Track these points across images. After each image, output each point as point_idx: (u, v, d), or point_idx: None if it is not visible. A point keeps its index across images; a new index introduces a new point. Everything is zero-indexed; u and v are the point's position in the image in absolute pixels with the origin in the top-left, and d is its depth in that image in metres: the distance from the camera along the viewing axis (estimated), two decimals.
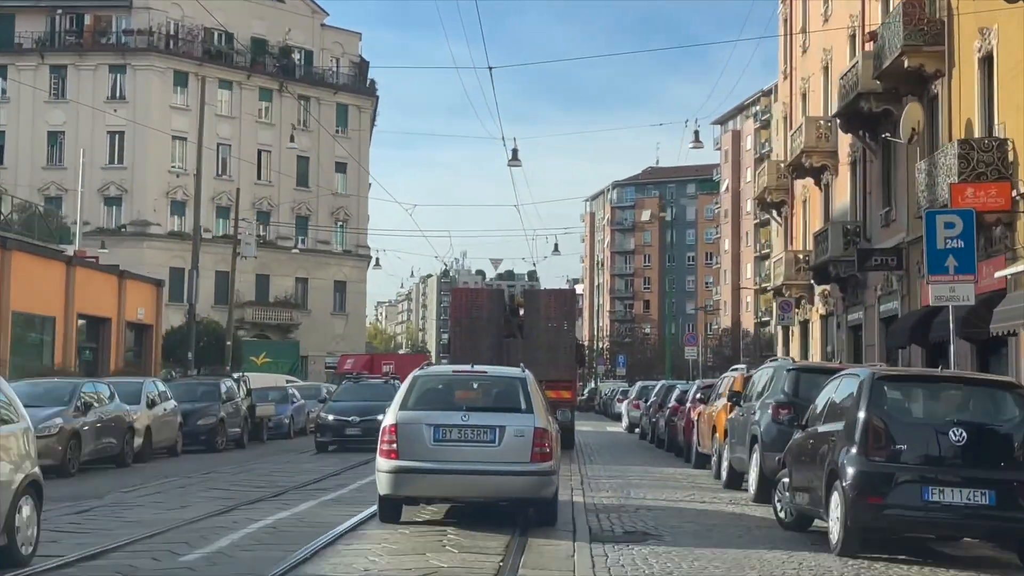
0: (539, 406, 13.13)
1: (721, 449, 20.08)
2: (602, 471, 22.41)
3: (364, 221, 79.86)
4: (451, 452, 12.51)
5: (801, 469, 12.98)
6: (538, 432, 12.62)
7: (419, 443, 12.50)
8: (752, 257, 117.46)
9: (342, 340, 76.35)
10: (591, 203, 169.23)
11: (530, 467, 12.49)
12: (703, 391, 25.32)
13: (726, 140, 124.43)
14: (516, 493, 12.75)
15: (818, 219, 41.43)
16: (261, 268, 73.99)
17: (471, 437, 12.54)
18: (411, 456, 12.47)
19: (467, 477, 12.51)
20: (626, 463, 25.41)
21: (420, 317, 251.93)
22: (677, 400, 28.83)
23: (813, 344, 42.49)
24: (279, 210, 74.54)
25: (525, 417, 12.78)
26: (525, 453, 12.50)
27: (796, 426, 13.94)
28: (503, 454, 12.50)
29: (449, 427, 12.57)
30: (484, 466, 12.49)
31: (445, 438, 12.53)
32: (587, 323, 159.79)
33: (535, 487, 12.66)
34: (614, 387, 68.74)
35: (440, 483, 12.62)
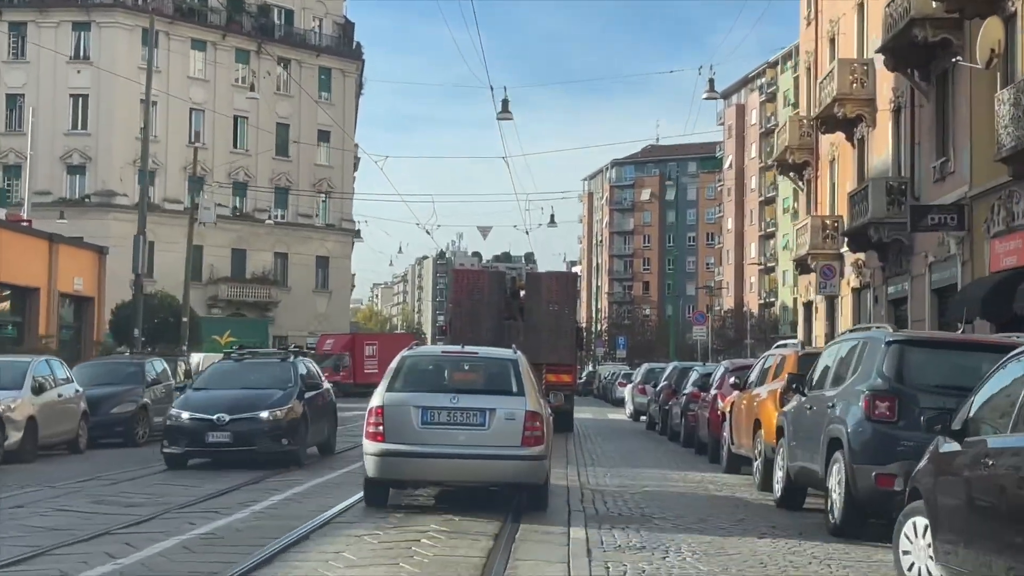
0: (531, 389, 12.56)
1: (770, 452, 14.71)
2: (609, 477, 17.07)
3: (348, 191, 74.41)
4: (439, 435, 12.02)
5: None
6: (529, 415, 12.13)
7: (406, 426, 12.03)
8: (756, 236, 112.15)
9: (325, 319, 70.97)
10: (589, 182, 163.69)
11: (521, 451, 12.03)
12: (735, 374, 20.00)
13: (730, 114, 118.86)
14: (506, 477, 12.31)
15: (850, 179, 36.08)
16: (237, 242, 68.56)
17: (460, 420, 12.07)
18: (398, 439, 11.98)
19: (455, 461, 12.04)
20: (637, 463, 20.07)
21: (416, 299, 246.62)
22: (697, 385, 23.43)
23: (842, 321, 37.12)
24: (257, 180, 69.05)
25: (516, 400, 12.27)
26: (516, 437, 12.01)
27: (933, 431, 8.47)
28: (493, 437, 12.02)
29: (437, 409, 12.10)
30: (473, 450, 12.00)
31: (433, 421, 12.07)
32: (585, 305, 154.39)
33: (526, 471, 12.19)
34: (614, 370, 63.40)
35: (427, 467, 12.16)
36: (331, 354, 60.06)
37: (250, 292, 67.83)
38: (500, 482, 12.50)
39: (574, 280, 31.74)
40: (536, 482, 12.37)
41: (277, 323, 69.44)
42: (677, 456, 22.35)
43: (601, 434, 29.38)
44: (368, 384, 62.55)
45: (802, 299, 42.48)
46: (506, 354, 13.39)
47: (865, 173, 34.26)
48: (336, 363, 59.47)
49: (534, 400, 12.42)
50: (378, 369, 60.76)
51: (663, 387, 30.50)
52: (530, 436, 12.04)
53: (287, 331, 69.51)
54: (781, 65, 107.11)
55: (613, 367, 68.97)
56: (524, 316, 27.58)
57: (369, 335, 66.21)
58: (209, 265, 66.95)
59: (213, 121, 66.42)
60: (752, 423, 16.19)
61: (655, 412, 31.52)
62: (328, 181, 72.32)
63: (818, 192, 40.28)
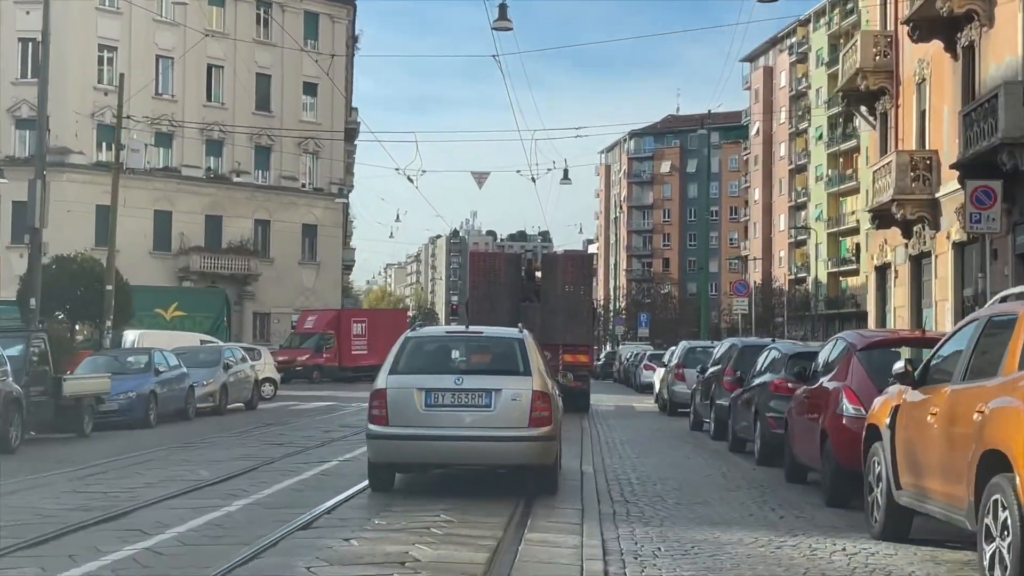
0: (538, 368, 11.91)
1: None
2: (676, 564, 8.42)
3: (339, 153, 65.65)
4: (444, 417, 11.51)
5: None
6: (536, 395, 11.55)
7: (410, 408, 11.54)
8: (786, 207, 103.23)
9: (312, 294, 62.37)
10: (606, 155, 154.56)
11: (528, 432, 11.46)
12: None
13: (756, 78, 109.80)
14: (513, 460, 11.76)
15: (949, 100, 27.31)
16: (212, 207, 59.95)
17: (465, 401, 11.55)
18: (402, 422, 11.54)
19: (460, 443, 11.54)
20: (706, 509, 11.41)
21: (430, 279, 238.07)
22: (793, 373, 14.55)
23: (937, 286, 28.33)
24: (234, 138, 60.32)
25: (522, 380, 11.68)
26: (523, 418, 11.47)
27: None
28: (499, 419, 11.49)
29: (441, 391, 11.55)
30: (478, 431, 11.48)
31: (437, 403, 11.54)
32: (602, 282, 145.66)
33: (533, 453, 11.59)
34: (637, 350, 54.68)
35: (432, 450, 11.62)
36: (312, 333, 51.65)
37: (226, 263, 59.22)
38: (507, 464, 12.00)
39: (590, 261, 31.81)
40: (544, 464, 11.79)
41: (258, 298, 60.88)
42: (768, 486, 13.42)
43: (631, 438, 20.64)
44: (357, 368, 54.16)
45: (875, 260, 33.62)
46: (512, 333, 12.76)
47: (976, 88, 25.49)
48: (318, 343, 51.11)
49: (541, 380, 11.75)
50: (367, 350, 52.29)
51: (715, 373, 21.84)
52: (537, 417, 11.47)
53: (269, 307, 61.05)
54: (814, 23, 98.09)
55: (635, 347, 60.18)
56: (540, 298, 27.39)
57: (357, 311, 57.56)
58: (179, 233, 58.37)
59: (183, 70, 57.74)
60: (973, 456, 7.44)
61: (702, 407, 22.80)
62: (316, 140, 63.56)
63: (899, 124, 31.40)
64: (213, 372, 27.11)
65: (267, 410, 29.45)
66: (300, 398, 35.37)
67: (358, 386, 45.99)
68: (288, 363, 50.01)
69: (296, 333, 52.65)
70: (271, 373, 34.78)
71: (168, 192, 58.10)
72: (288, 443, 18.91)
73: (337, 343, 51.40)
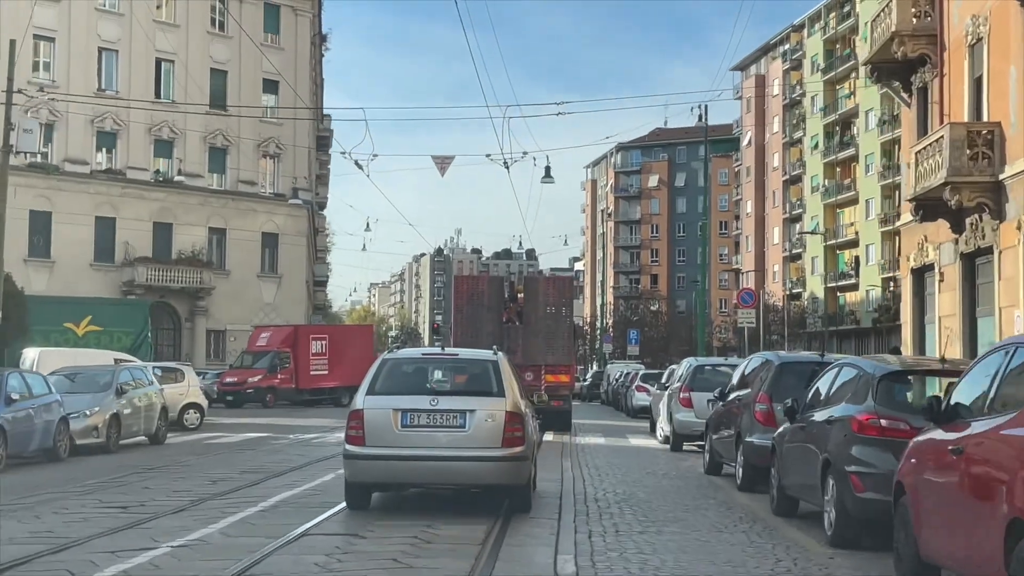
0: (511, 389, 11.96)
1: None
2: None
3: (303, 156, 59.85)
4: (419, 437, 11.54)
5: None
6: (509, 416, 11.62)
7: (386, 428, 11.55)
8: (780, 220, 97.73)
9: (272, 310, 56.52)
10: (592, 169, 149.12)
11: (501, 452, 11.54)
12: None
13: (748, 87, 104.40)
14: (487, 479, 11.82)
15: (1019, 59, 21.71)
16: (160, 214, 54.07)
17: (440, 422, 11.58)
18: (378, 442, 11.54)
19: (436, 463, 11.58)
20: None
21: (414, 298, 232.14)
22: (897, 404, 8.79)
23: (1002, 289, 22.59)
24: (185, 138, 54.55)
25: (496, 401, 11.72)
26: (496, 438, 11.53)
27: None
28: (473, 439, 11.53)
29: (417, 412, 11.61)
30: (453, 451, 11.54)
31: (413, 423, 11.57)
32: (588, 300, 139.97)
33: (507, 473, 11.68)
34: (627, 370, 48.95)
35: (408, 470, 11.67)
36: (266, 351, 45.78)
37: (176, 276, 53.35)
38: (481, 484, 12.02)
39: (570, 283, 31.79)
40: (518, 483, 11.86)
41: (212, 314, 54.99)
42: None
43: (630, 493, 14.63)
44: (316, 390, 48.24)
45: (913, 262, 27.86)
46: (486, 355, 12.69)
47: None
48: (272, 363, 45.27)
49: (514, 401, 11.85)
50: (328, 370, 46.40)
51: (741, 400, 16.09)
52: (511, 437, 11.56)
53: (224, 324, 55.16)
54: (808, 28, 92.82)
55: (624, 365, 54.41)
56: (523, 319, 27.85)
57: (316, 328, 51.54)
58: (124, 243, 52.48)
59: (129, 64, 51.95)
60: None
61: (722, 444, 17.01)
62: (276, 141, 57.79)
63: (945, 97, 25.73)
64: (100, 399, 21.22)
65: (175, 445, 23.58)
66: (230, 427, 29.54)
67: (314, 412, 40.19)
68: (238, 385, 44.27)
69: (248, 352, 46.77)
70: (196, 398, 28.93)
71: (111, 197, 52.24)
72: (137, 506, 13.03)
73: (294, 362, 45.59)
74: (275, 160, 57.89)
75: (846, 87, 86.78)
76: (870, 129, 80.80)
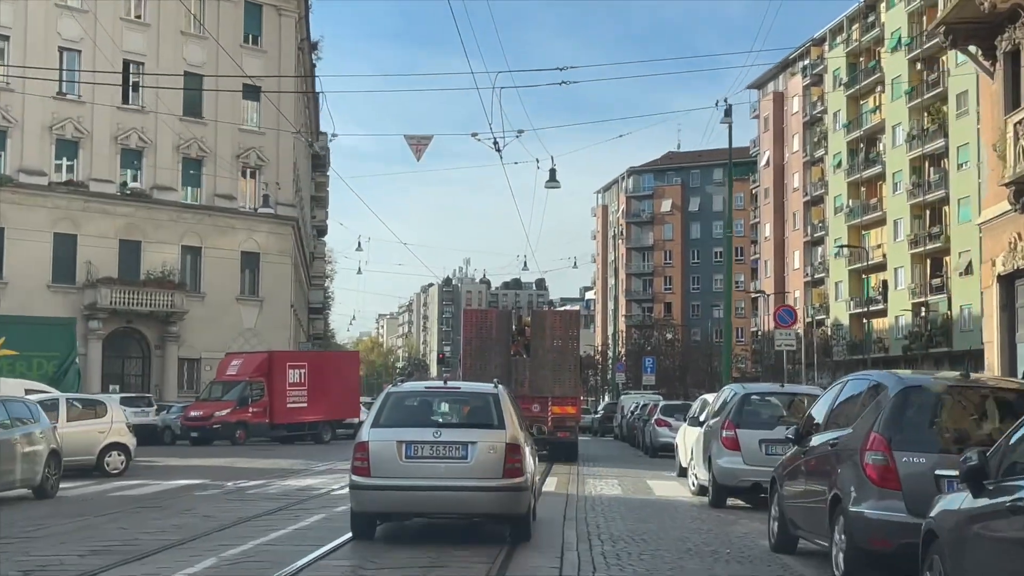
0: (512, 421, 12.18)
1: None
2: None
3: (287, 168, 54.38)
4: (422, 468, 11.70)
5: None
6: (510, 448, 11.82)
7: (391, 460, 11.73)
8: (801, 243, 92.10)
9: (253, 336, 50.98)
10: (603, 195, 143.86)
11: (502, 482, 11.70)
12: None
13: (765, 105, 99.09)
14: (488, 508, 12.01)
15: None
16: (128, 231, 48.71)
17: (442, 453, 11.74)
18: (382, 473, 11.71)
19: (438, 493, 11.72)
20: None
21: (422, 328, 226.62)
22: None
23: None
24: (156, 148, 49.24)
25: (497, 433, 11.94)
26: (497, 469, 11.72)
27: None
28: (474, 470, 11.71)
29: (420, 443, 11.76)
30: (455, 482, 11.68)
31: (416, 455, 11.73)
32: (599, 329, 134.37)
33: (507, 503, 11.87)
34: (644, 401, 43.39)
35: (411, 500, 11.81)
36: (236, 381, 40.29)
37: (145, 299, 47.88)
38: (483, 513, 12.19)
39: (576, 316, 32.06)
40: (518, 512, 12.02)
41: (185, 341, 49.47)
42: None
43: None
44: (293, 425, 42.66)
45: (1001, 266, 22.23)
46: (487, 388, 12.83)
47: None
48: (243, 394, 39.82)
49: (514, 433, 12.03)
50: (307, 402, 40.88)
51: (833, 447, 10.43)
52: (511, 468, 11.73)
53: (199, 351, 49.62)
54: (829, 41, 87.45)
55: (640, 396, 48.74)
56: (530, 352, 28.10)
57: (295, 354, 45.73)
58: (85, 262, 47.05)
59: (93, 65, 46.74)
60: None
61: (799, 512, 11.36)
62: (259, 152, 52.44)
63: None
64: None
65: (68, 499, 18.02)
66: (164, 472, 23.97)
67: (287, 450, 34.60)
68: (203, 420, 38.79)
69: (216, 382, 41.22)
70: (121, 436, 23.36)
71: (72, 212, 46.90)
72: None
73: (268, 394, 40.07)
74: (256, 172, 52.48)
75: (871, 102, 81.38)
76: (898, 145, 75.44)
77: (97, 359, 46.46)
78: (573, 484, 20.87)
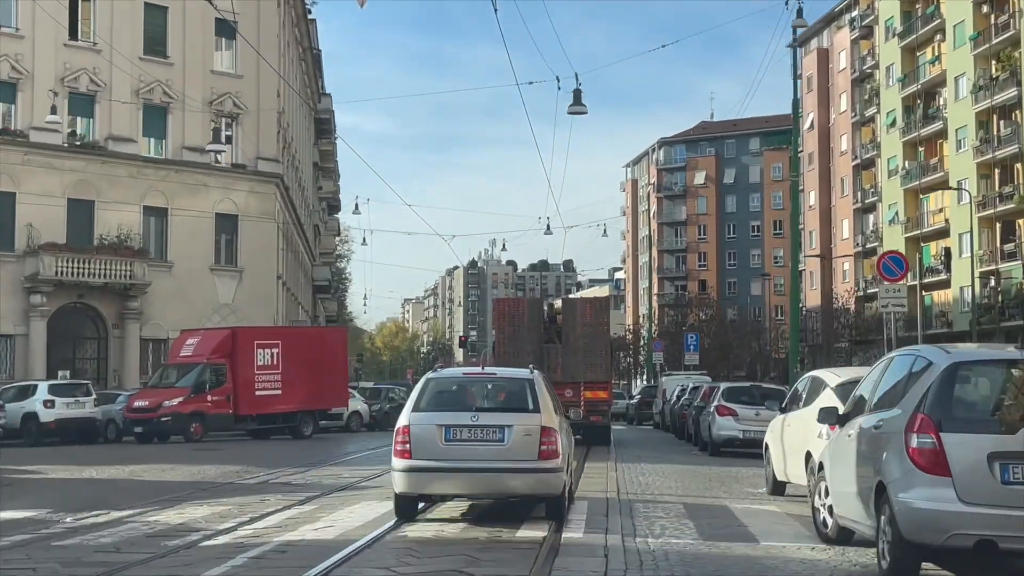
0: (547, 405, 12.45)
1: None
2: None
3: (270, 119, 46.28)
4: (462, 451, 11.97)
5: None
6: (545, 431, 12.03)
7: (431, 443, 11.99)
8: (850, 211, 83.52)
9: (231, 313, 43.04)
10: (632, 169, 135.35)
11: (538, 464, 11.92)
12: None
13: (809, 63, 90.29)
14: (525, 489, 12.28)
15: None
16: (78, 189, 40.84)
17: (480, 436, 12.01)
18: (423, 455, 11.99)
19: (477, 475, 12.04)
20: None
21: (448, 313, 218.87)
22: None
23: None
24: (112, 92, 41.32)
25: (532, 416, 12.17)
26: (533, 451, 11.93)
27: None
28: (511, 452, 11.95)
29: (459, 427, 12.06)
30: (493, 464, 11.96)
31: (456, 438, 12.02)
32: (630, 309, 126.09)
33: (543, 483, 12.09)
34: (691, 383, 35.39)
35: (452, 481, 12.18)
36: (193, 363, 32.50)
37: (99, 268, 39.98)
38: (519, 494, 12.44)
39: (606, 304, 32.62)
40: (553, 493, 12.19)
41: (148, 318, 41.60)
42: None
43: None
44: (264, 417, 34.26)
45: None
46: (523, 374, 13.11)
47: None
48: (199, 379, 31.96)
49: (549, 416, 12.29)
50: (281, 388, 32.88)
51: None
52: (546, 450, 11.93)
53: (166, 330, 41.64)
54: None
55: (685, 378, 40.55)
56: (562, 339, 28.12)
57: (264, 330, 37.21)
58: (26, 225, 39.19)
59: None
60: None
61: None
62: (235, 98, 44.40)
63: None
64: None
65: None
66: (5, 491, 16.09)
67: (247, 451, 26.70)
68: (149, 412, 31.05)
69: (168, 365, 33.37)
70: None
71: (10, 165, 39.01)
72: None
73: (232, 378, 32.17)
74: (233, 122, 44.48)
75: (929, 52, 72.60)
76: (961, 98, 66.91)
77: (41, 340, 38.75)
78: (614, 514, 13.02)
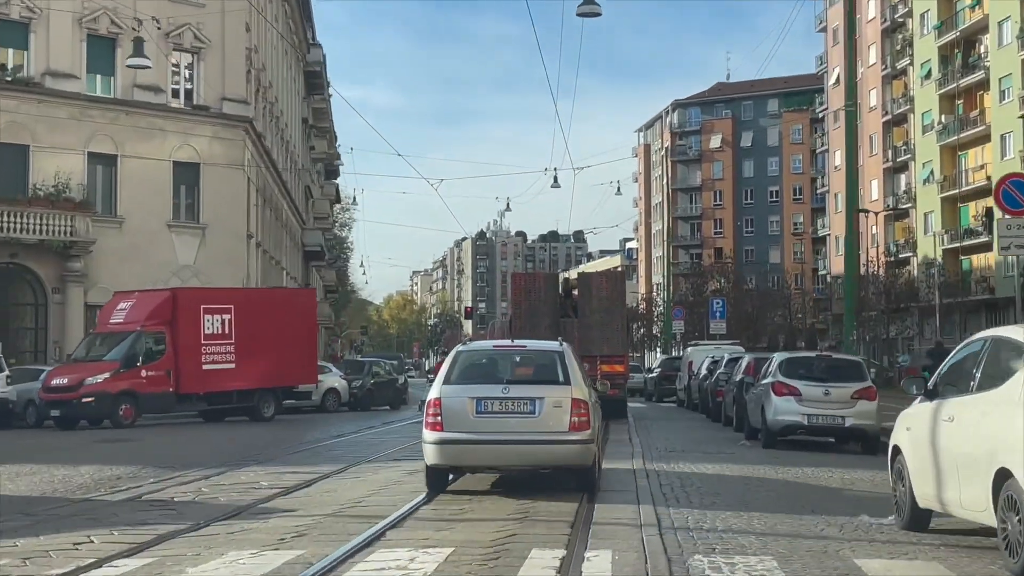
0: (576, 377, 12.39)
1: None
2: None
3: (238, 55, 40.22)
4: (493, 423, 11.94)
5: None
6: (575, 403, 11.98)
7: (462, 415, 11.97)
8: (880, 170, 77.34)
9: (193, 275, 37.13)
10: (645, 133, 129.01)
11: (569, 436, 11.87)
12: None
13: (834, 15, 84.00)
14: (555, 461, 12.23)
15: None
16: (10, 132, 34.89)
17: (511, 409, 11.98)
18: (455, 428, 11.94)
19: (508, 447, 11.98)
20: None
21: (456, 285, 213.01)
22: None
23: None
24: (49, 21, 35.37)
25: (563, 388, 12.14)
26: (563, 422, 11.90)
27: None
28: (542, 424, 11.91)
29: (490, 399, 12.02)
30: (524, 436, 11.93)
31: (487, 410, 11.98)
32: (643, 279, 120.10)
33: (574, 455, 12.04)
34: (725, 354, 29.59)
35: (483, 453, 12.14)
36: (124, 332, 26.70)
37: (34, 223, 34.04)
38: (550, 465, 12.41)
39: (622, 277, 32.47)
40: (584, 464, 12.15)
41: (94, 281, 35.68)
42: None
43: None
44: (216, 395, 27.12)
45: None
46: (552, 346, 13.05)
47: None
48: (131, 351, 26.17)
49: (580, 388, 12.23)
50: (235, 362, 26.73)
51: None
52: (577, 422, 11.89)
53: None
54: None
55: (715, 348, 34.60)
56: (578, 313, 28.29)
57: (212, 292, 30.81)
58: None
59: None
60: None
61: None
62: (196, 29, 38.37)
63: None
64: None
65: None
66: None
67: (179, 440, 20.93)
68: (68, 391, 25.32)
69: (95, 334, 27.58)
70: None
71: None
72: None
73: (172, 350, 26.37)
74: (195, 57, 38.48)
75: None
76: (1005, 44, 60.73)
77: None
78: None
